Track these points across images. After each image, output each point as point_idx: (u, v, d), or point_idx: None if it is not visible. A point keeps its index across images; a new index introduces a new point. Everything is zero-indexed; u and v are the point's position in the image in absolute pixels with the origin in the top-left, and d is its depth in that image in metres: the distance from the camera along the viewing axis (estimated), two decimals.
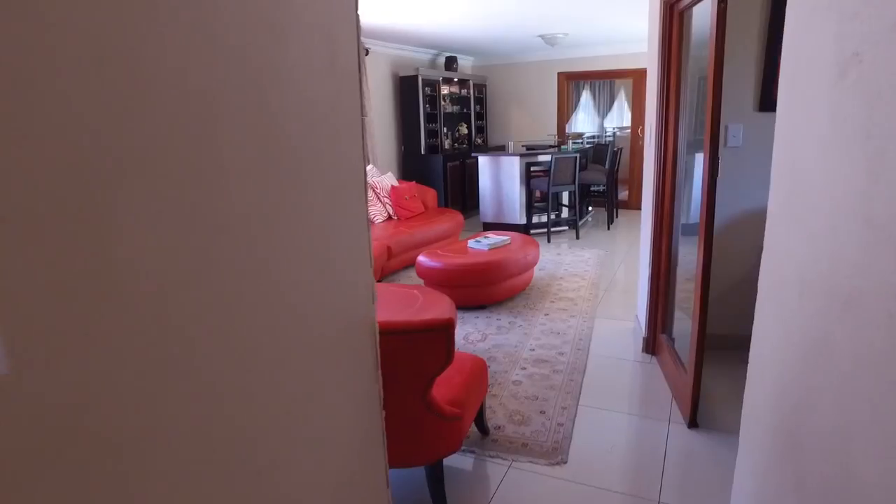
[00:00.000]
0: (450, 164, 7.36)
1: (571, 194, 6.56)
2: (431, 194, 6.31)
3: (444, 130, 7.62)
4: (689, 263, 3.25)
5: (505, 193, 6.59)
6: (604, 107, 11.22)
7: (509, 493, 2.13)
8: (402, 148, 7.45)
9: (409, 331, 1.70)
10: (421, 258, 4.10)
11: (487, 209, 6.76)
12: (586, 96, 11.04)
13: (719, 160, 2.30)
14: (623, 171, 8.31)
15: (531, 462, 2.30)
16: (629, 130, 8.88)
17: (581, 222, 6.71)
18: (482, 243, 4.31)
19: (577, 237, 6.39)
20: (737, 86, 2.93)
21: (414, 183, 6.21)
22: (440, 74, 7.45)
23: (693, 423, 2.49)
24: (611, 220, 7.00)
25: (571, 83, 9.33)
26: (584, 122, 11.07)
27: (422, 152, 7.28)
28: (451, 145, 7.91)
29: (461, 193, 7.67)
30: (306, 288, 0.96)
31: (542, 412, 2.66)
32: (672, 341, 3.05)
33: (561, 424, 2.55)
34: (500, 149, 7.85)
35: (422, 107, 7.11)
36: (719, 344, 3.03)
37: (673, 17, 2.82)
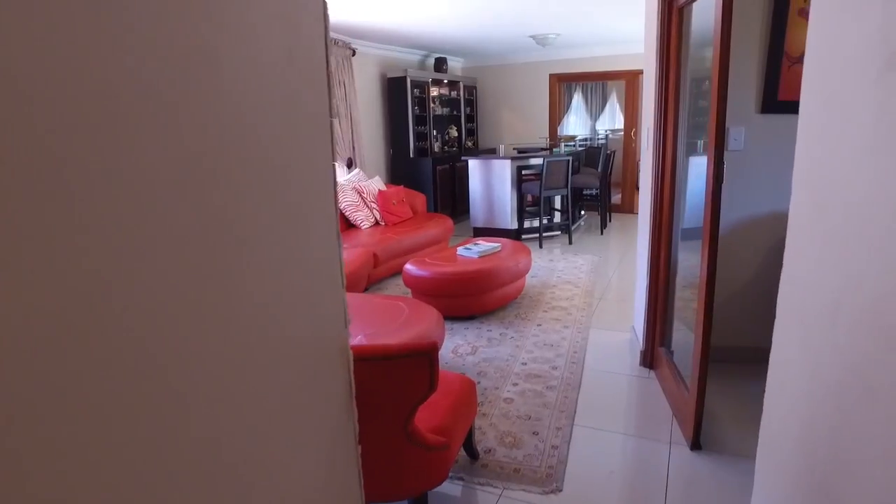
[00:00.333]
0: (439, 168, 7.19)
1: (564, 198, 6.41)
2: (420, 199, 6.13)
3: (434, 133, 7.46)
4: (687, 269, 3.10)
5: (496, 198, 6.43)
6: (596, 109, 11.12)
7: None
8: (390, 151, 7.27)
9: (388, 356, 1.52)
10: (408, 266, 3.93)
11: (478, 214, 6.59)
12: (578, 98, 10.92)
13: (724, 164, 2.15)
14: (616, 175, 8.19)
15: (524, 490, 2.13)
16: (622, 133, 8.77)
17: (574, 227, 6.56)
18: (472, 251, 4.14)
19: (570, 242, 6.24)
20: (737, 87, 2.77)
21: (402, 187, 6.03)
22: (429, 76, 7.29)
23: (696, 444, 2.33)
24: (604, 225, 6.87)
25: (563, 85, 9.21)
26: (576, 124, 10.96)
27: (410, 155, 7.10)
28: (441, 148, 7.74)
29: (451, 198, 7.50)
30: (262, 311, 0.82)
31: (536, 433, 2.49)
32: (671, 354, 2.89)
33: (555, 447, 2.39)
34: (491, 152, 7.68)
35: (410, 109, 6.93)
36: (720, 356, 2.88)
37: (672, 14, 2.67)
